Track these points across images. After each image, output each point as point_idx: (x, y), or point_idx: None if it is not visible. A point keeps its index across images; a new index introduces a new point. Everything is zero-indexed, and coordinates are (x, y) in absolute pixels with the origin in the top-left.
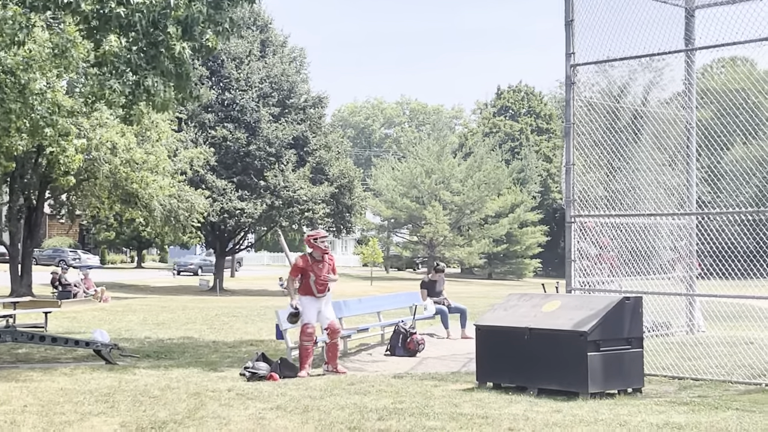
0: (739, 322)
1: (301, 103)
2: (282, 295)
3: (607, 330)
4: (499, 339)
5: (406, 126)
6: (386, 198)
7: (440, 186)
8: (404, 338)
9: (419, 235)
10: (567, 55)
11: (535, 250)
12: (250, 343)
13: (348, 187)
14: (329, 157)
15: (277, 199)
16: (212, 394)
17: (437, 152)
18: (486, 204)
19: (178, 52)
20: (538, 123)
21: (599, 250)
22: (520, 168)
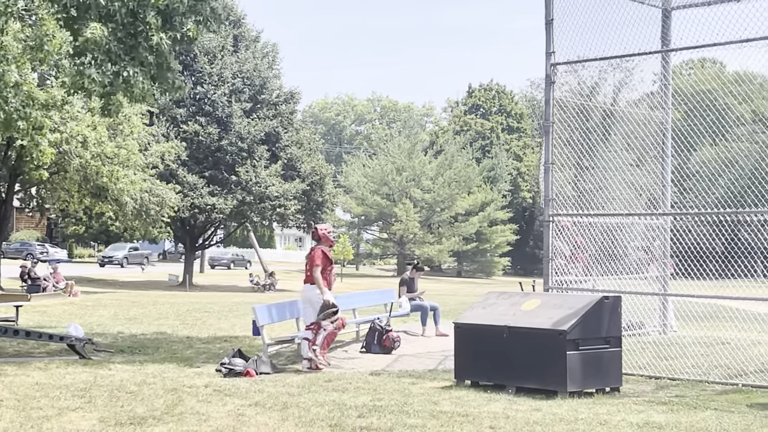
0: (712, 322)
1: (273, 99)
2: (252, 291)
3: (586, 329)
4: (478, 337)
5: (377, 123)
6: (357, 195)
7: (411, 183)
8: (380, 335)
9: (389, 233)
10: (547, 54)
11: (505, 248)
12: (224, 339)
13: (319, 184)
14: (301, 153)
15: (249, 194)
16: (189, 389)
17: (408, 150)
18: (456, 202)
19: (156, 42)
20: (508, 122)
21: (574, 249)
22: (490, 166)
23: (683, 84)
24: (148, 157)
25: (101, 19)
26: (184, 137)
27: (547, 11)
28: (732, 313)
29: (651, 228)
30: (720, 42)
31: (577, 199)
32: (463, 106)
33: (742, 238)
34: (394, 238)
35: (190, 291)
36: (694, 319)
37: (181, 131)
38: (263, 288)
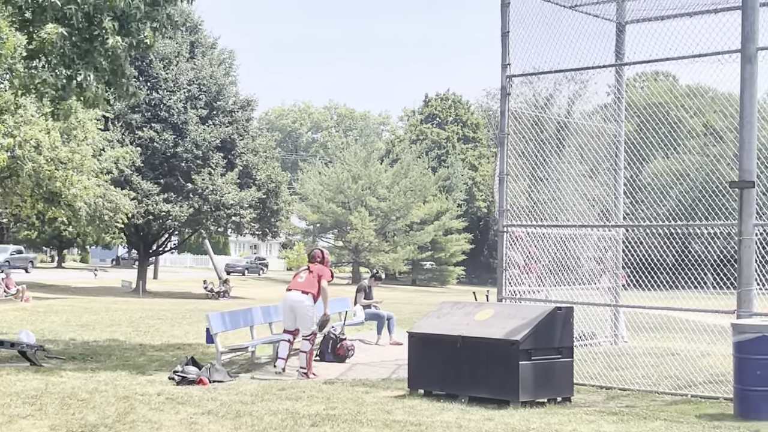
0: (662, 333)
1: (229, 106)
2: (206, 298)
3: (538, 339)
4: (432, 346)
5: (333, 131)
6: (312, 202)
7: (367, 192)
8: (334, 344)
9: (345, 240)
10: (503, 66)
11: (459, 257)
12: (177, 346)
13: (275, 192)
14: (257, 161)
15: (205, 202)
16: (141, 397)
17: (364, 158)
18: (412, 211)
19: (112, 47)
20: (464, 131)
21: (527, 259)
22: (446, 176)
23: (636, 96)
24: (103, 163)
25: (57, 22)
26: (139, 143)
27: (503, 23)
28: (682, 324)
29: (603, 239)
30: (673, 57)
31: (531, 209)
32: (420, 116)
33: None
34: (349, 246)
35: (143, 297)
36: (644, 329)
37: (136, 137)
38: (217, 295)
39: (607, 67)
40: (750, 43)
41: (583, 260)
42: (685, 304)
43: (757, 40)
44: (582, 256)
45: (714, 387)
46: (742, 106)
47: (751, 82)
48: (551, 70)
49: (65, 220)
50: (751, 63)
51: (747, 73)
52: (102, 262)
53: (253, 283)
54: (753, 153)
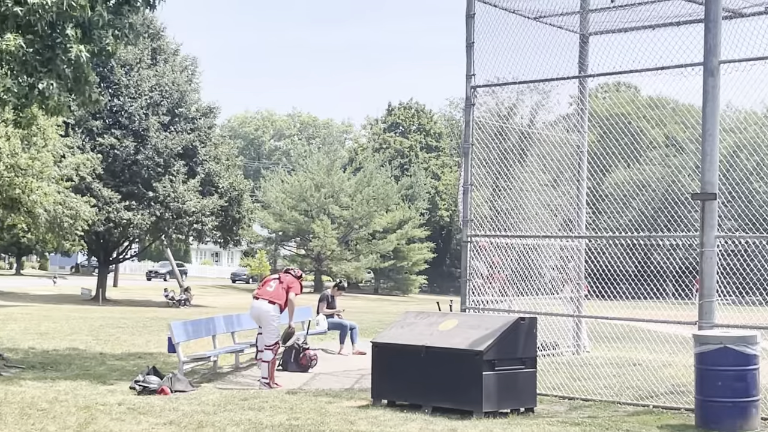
0: (624, 343)
1: (191, 113)
2: (167, 306)
3: (502, 350)
4: (395, 356)
5: (296, 139)
6: (275, 210)
7: (329, 200)
8: (297, 354)
9: (307, 249)
10: (467, 77)
11: (422, 266)
12: (138, 355)
13: (237, 200)
14: (219, 168)
15: (166, 210)
16: (102, 407)
17: (327, 166)
18: (374, 219)
19: (75, 54)
20: (427, 141)
21: (490, 269)
22: (409, 185)
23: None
24: (63, 169)
25: (19, 29)
26: (100, 150)
27: (468, 34)
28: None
29: (566, 249)
30: (637, 69)
31: (494, 219)
32: (383, 124)
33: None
34: (311, 254)
35: (103, 305)
36: (606, 339)
37: (97, 144)
38: (178, 303)
39: (572, 78)
40: (712, 56)
41: (545, 270)
42: (646, 314)
43: (719, 54)
44: (545, 266)
45: (676, 397)
46: (704, 118)
47: (713, 95)
48: (515, 80)
49: (24, 227)
50: (713, 76)
51: (709, 86)
52: (61, 269)
53: (214, 291)
54: (715, 165)
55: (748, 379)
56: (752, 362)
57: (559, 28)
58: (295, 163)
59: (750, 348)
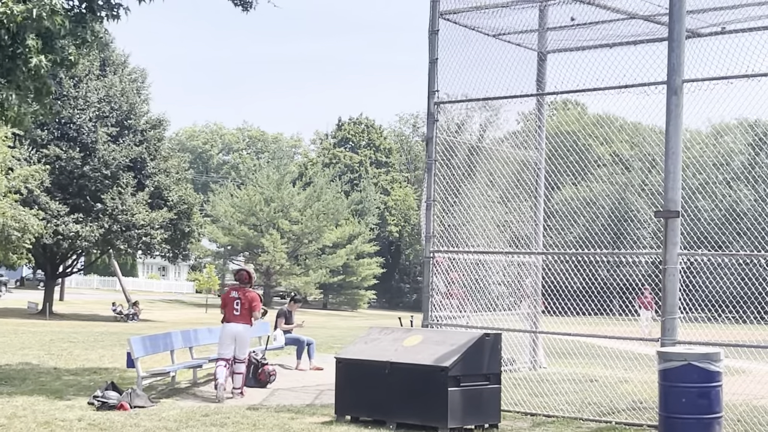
0: (577, 359)
1: (140, 125)
2: (115, 321)
3: (467, 366)
4: (360, 372)
5: (244, 153)
6: (224, 225)
7: (279, 214)
8: (255, 369)
9: (256, 263)
10: (431, 92)
11: (371, 281)
12: (93, 370)
13: (186, 214)
14: (169, 182)
15: (115, 222)
16: (62, 423)
17: (277, 181)
18: (324, 234)
19: (35, 65)
20: (377, 156)
21: (449, 285)
22: (358, 200)
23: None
24: (11, 182)
25: None
26: (46, 162)
27: (431, 50)
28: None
29: (523, 265)
30: (600, 87)
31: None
32: (333, 139)
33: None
34: (260, 269)
35: (51, 319)
36: (560, 355)
37: (43, 155)
38: (126, 318)
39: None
40: (676, 75)
41: (503, 286)
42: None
43: (682, 73)
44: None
45: (637, 414)
46: (667, 136)
47: (677, 114)
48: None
49: None
50: (676, 95)
51: (672, 105)
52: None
53: (162, 305)
54: (678, 183)
55: (712, 396)
56: (716, 379)
57: (518, 46)
58: (244, 177)
59: (714, 365)
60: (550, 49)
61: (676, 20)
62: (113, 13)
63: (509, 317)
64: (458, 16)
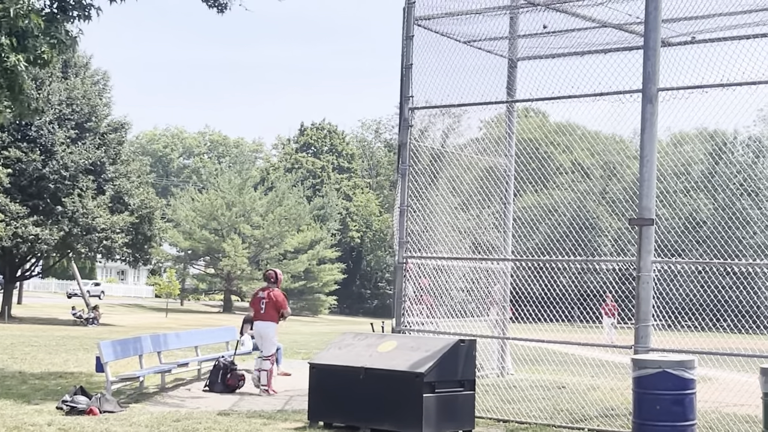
0: (543, 366)
1: (102, 128)
2: (74, 325)
3: (442, 372)
4: (333, 378)
5: (206, 157)
6: (184, 229)
7: (241, 219)
8: (224, 374)
9: (217, 268)
10: (405, 98)
11: (332, 287)
12: (59, 374)
13: (148, 218)
14: (130, 186)
15: (75, 226)
16: (32, 428)
17: (239, 185)
18: (286, 239)
19: (12, 63)
20: (339, 161)
21: (418, 291)
22: (320, 205)
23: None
24: None
25: None
26: (6, 163)
27: (406, 56)
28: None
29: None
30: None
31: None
32: (295, 144)
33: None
34: (221, 273)
35: (10, 323)
36: (525, 362)
37: (2, 157)
38: (86, 322)
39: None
40: (651, 84)
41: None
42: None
43: (657, 81)
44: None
45: (609, 420)
46: (642, 144)
47: (652, 122)
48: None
49: None
50: (651, 103)
51: (648, 113)
52: None
53: (121, 310)
54: (652, 191)
55: (686, 403)
56: (690, 386)
57: (489, 53)
58: (206, 182)
59: (688, 372)
60: (521, 56)
61: (651, 29)
62: (85, 13)
63: (477, 323)
64: (431, 23)
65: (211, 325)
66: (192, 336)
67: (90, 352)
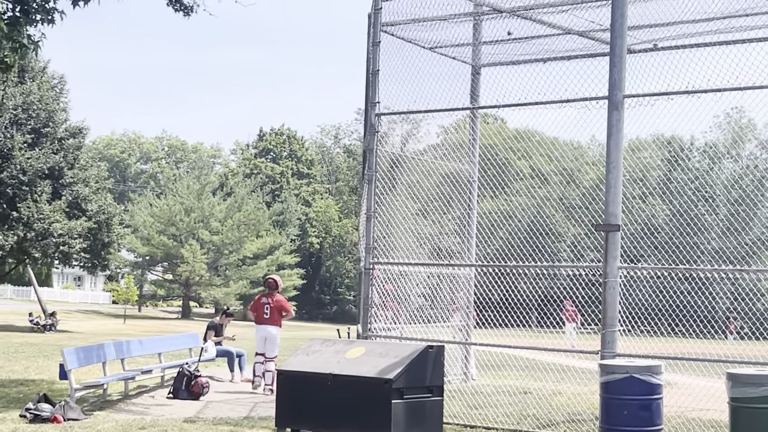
0: (505, 371)
1: (59, 133)
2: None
3: (411, 378)
4: (301, 384)
5: (163, 162)
6: (142, 234)
7: (199, 225)
8: (188, 381)
9: (175, 274)
10: (371, 104)
11: (291, 293)
12: (20, 382)
13: (107, 224)
14: (87, 191)
15: (30, 231)
16: None
17: (198, 190)
18: (245, 245)
19: None
20: (299, 167)
21: (383, 297)
22: (280, 211)
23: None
24: None
25: None
26: None
27: (372, 62)
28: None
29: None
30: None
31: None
32: (254, 149)
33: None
34: (179, 279)
35: None
36: (487, 367)
37: None
38: (44, 328)
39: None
40: (617, 90)
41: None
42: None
43: (623, 88)
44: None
45: (576, 426)
46: (608, 150)
47: (618, 128)
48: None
49: None
50: (617, 110)
51: (614, 120)
52: None
53: (79, 316)
54: (618, 197)
55: (653, 408)
56: (657, 391)
57: (452, 59)
58: (164, 187)
59: (655, 377)
60: (485, 62)
61: (617, 36)
62: (48, 17)
63: (441, 329)
64: (396, 29)
65: (170, 331)
66: (155, 343)
67: (50, 359)
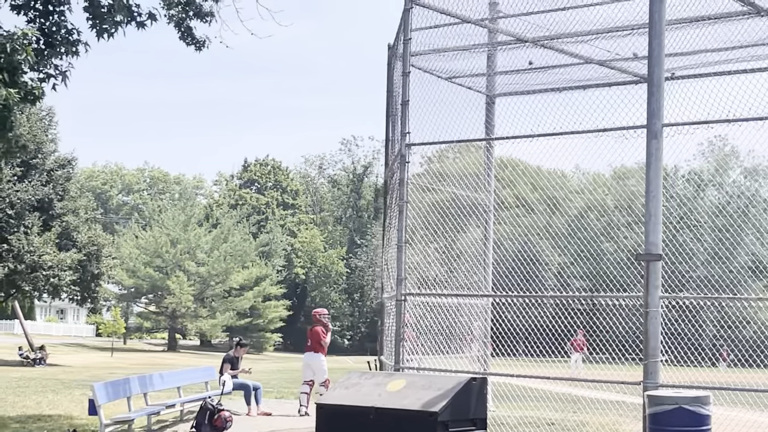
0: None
1: (48, 164)
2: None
3: (455, 411)
4: (341, 418)
5: (145, 194)
6: (128, 266)
7: (185, 256)
8: (211, 415)
9: (161, 306)
10: (402, 134)
11: (277, 324)
12: (37, 417)
13: (96, 255)
14: (77, 222)
15: (21, 263)
16: None
17: (183, 222)
18: (231, 276)
19: (4, 98)
20: (284, 198)
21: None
22: (265, 241)
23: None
24: None
25: None
26: None
27: (403, 92)
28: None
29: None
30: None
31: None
32: (239, 180)
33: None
34: (166, 311)
35: None
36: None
37: None
38: (33, 362)
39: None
40: (656, 119)
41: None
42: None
43: (662, 117)
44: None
45: None
46: (648, 180)
47: (657, 157)
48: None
49: None
50: (656, 138)
51: (653, 148)
52: None
53: (64, 349)
54: (659, 226)
55: None
56: (705, 423)
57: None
58: (147, 219)
59: (704, 408)
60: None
61: (655, 64)
62: (73, 49)
63: (459, 360)
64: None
65: (162, 363)
66: (174, 377)
67: (59, 393)
